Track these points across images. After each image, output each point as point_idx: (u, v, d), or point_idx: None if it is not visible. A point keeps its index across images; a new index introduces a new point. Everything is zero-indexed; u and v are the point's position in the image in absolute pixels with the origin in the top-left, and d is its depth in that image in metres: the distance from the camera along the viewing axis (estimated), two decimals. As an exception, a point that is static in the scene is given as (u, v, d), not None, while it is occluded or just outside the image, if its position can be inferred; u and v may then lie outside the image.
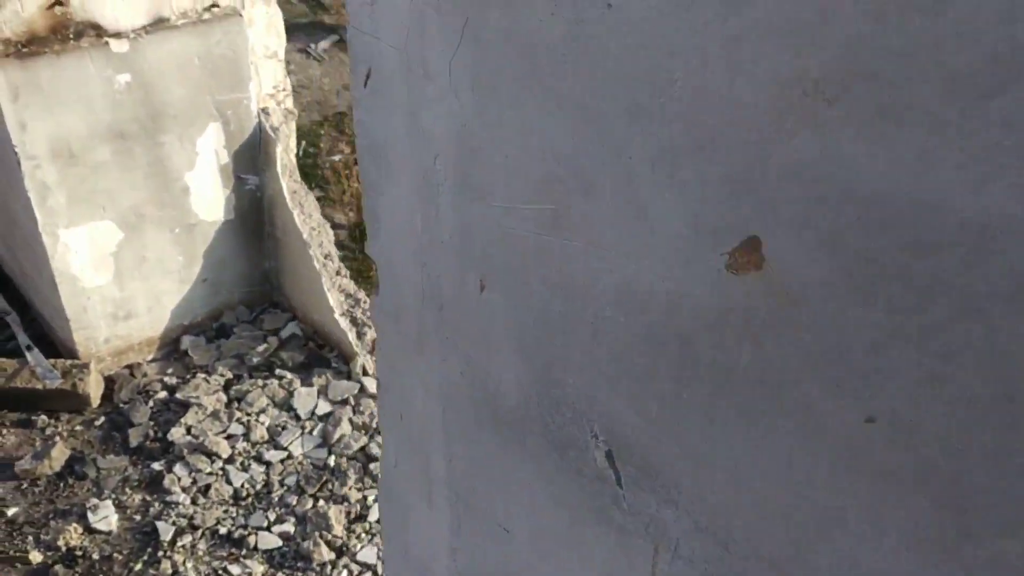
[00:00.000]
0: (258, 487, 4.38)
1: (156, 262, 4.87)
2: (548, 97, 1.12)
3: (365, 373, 4.87)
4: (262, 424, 4.64)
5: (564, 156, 1.14)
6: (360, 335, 4.94)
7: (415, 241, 1.53)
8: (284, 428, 4.65)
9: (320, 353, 5.06)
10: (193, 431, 4.59)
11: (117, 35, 4.30)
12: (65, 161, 4.37)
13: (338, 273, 5.03)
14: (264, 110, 4.86)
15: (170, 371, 4.99)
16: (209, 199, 4.89)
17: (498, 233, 1.33)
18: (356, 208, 9.12)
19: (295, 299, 5.28)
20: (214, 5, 4.50)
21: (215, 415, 4.67)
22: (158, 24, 4.39)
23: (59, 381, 4.60)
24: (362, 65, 1.47)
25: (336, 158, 9.94)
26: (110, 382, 4.91)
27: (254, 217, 5.10)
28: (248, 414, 4.71)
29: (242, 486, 4.37)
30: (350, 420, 4.66)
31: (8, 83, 4.08)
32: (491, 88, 1.20)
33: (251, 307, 5.34)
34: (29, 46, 4.10)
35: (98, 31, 4.26)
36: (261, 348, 5.03)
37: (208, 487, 4.36)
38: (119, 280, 4.79)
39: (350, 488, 4.36)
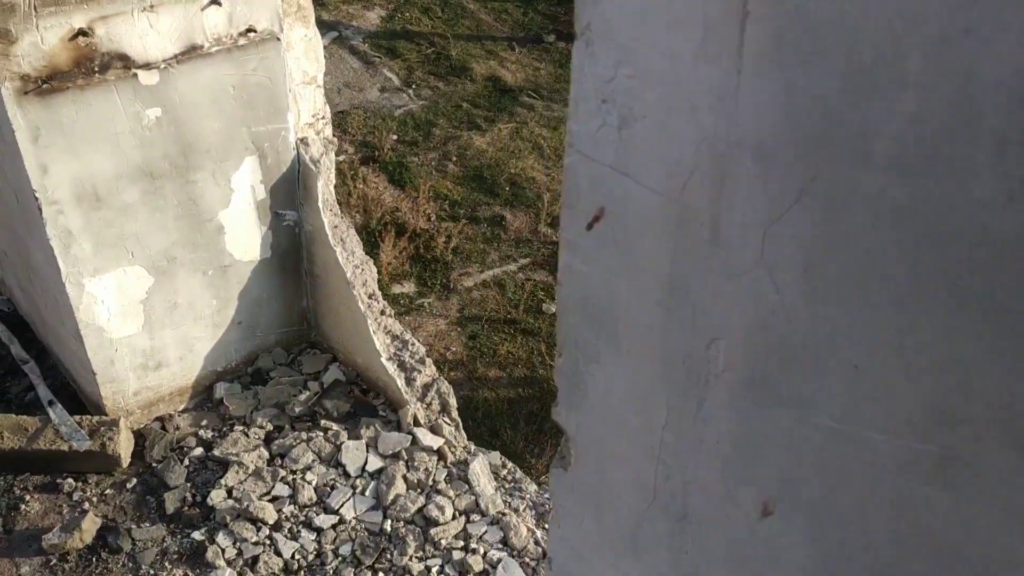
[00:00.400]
0: (310, 558, 4.00)
1: (188, 307, 4.48)
2: (977, 309, 0.74)
3: (417, 423, 4.49)
4: (309, 484, 4.27)
5: (987, 391, 0.77)
6: (409, 381, 4.56)
7: (651, 431, 1.15)
8: (333, 488, 4.27)
9: (366, 400, 4.68)
10: (235, 493, 4.22)
11: (146, 66, 3.90)
12: (90, 205, 3.98)
13: (383, 313, 4.66)
14: (303, 140, 4.47)
15: (204, 423, 4.61)
16: (244, 238, 4.51)
17: (815, 457, 0.95)
18: (363, 210, 8.75)
19: (335, 340, 4.90)
20: (250, 30, 4.10)
21: (257, 474, 4.30)
22: (190, 52, 3.99)
23: (88, 443, 4.22)
24: (587, 202, 1.09)
25: (340, 159, 9.56)
26: (140, 437, 4.53)
27: (292, 255, 4.72)
28: (293, 472, 4.33)
29: (293, 557, 4.00)
30: (404, 478, 4.28)
31: (28, 123, 3.68)
32: (847, 276, 0.83)
33: (288, 348, 4.96)
34: (50, 81, 3.70)
35: (125, 62, 3.86)
36: (303, 397, 4.65)
37: (256, 559, 3.98)
38: (149, 328, 4.40)
39: (410, 558, 3.99)
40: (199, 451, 4.44)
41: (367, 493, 4.25)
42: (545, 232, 8.49)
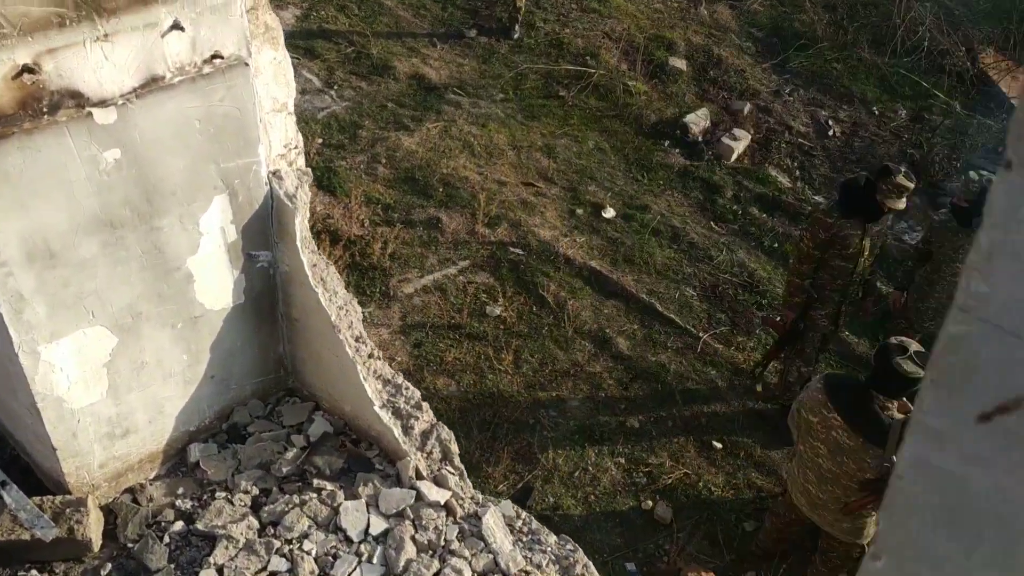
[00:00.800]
0: (321, 641, 3.63)
1: (156, 366, 4.02)
2: None
3: (419, 476, 4.14)
4: (308, 554, 3.88)
5: None
6: (406, 429, 4.21)
7: None
8: (336, 556, 3.89)
9: (360, 453, 4.30)
10: (226, 572, 3.80)
11: (102, 103, 3.43)
12: (43, 264, 3.49)
13: (371, 356, 4.28)
14: (275, 174, 4.05)
15: (181, 491, 4.16)
16: (216, 285, 4.06)
17: None
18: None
19: (318, 387, 4.50)
20: (216, 56, 3.65)
21: (249, 548, 3.88)
22: (151, 85, 3.53)
23: (54, 531, 3.74)
24: (988, 386, 0.79)
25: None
26: (109, 513, 4.06)
27: (267, 298, 4.29)
28: (289, 542, 3.93)
29: (301, 642, 3.62)
30: (413, 539, 3.93)
31: (-31, 177, 3.18)
32: None
33: (264, 399, 4.54)
34: (-7, 127, 3.20)
35: (78, 100, 3.38)
36: (290, 455, 4.23)
37: (260, 649, 3.58)
38: (114, 393, 3.93)
39: (433, 631, 3.65)
40: (179, 525, 4.00)
41: (375, 560, 3.88)
42: (483, 232, 8.20)
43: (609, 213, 8.74)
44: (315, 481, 4.14)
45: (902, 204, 5.88)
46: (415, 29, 10.68)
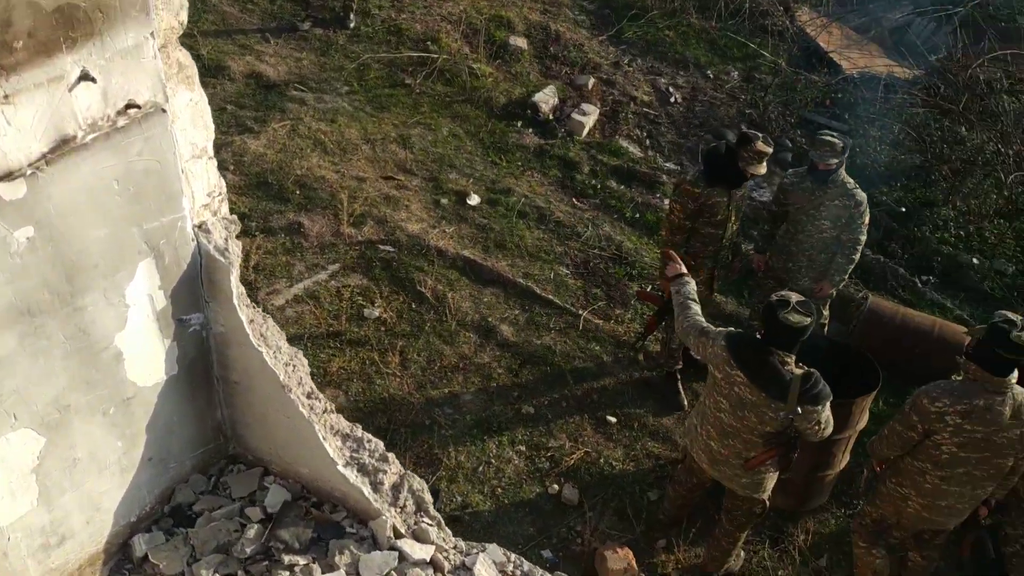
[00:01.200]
0: None
1: (90, 459, 3.52)
2: None
3: (397, 534, 3.86)
4: (297, 641, 3.54)
5: None
6: (376, 486, 3.90)
7: None
8: (327, 638, 3.57)
9: (327, 517, 3.96)
10: None
11: (8, 176, 2.89)
12: (-45, 370, 2.95)
13: (326, 411, 3.94)
14: (201, 227, 3.61)
15: (131, 593, 3.69)
16: (147, 358, 3.59)
17: None
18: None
19: (266, 451, 4.10)
20: (131, 105, 3.17)
21: (229, 646, 3.50)
22: (61, 147, 3.01)
23: (3, 673, 3.21)
24: None
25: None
26: (52, 634, 3.55)
27: (200, 363, 3.84)
28: (271, 630, 3.57)
29: None
30: (408, 604, 3.67)
31: None
32: None
33: (205, 471, 4.09)
34: None
35: (-19, 176, 2.84)
36: (252, 533, 3.83)
37: None
38: (46, 499, 3.41)
39: None
40: (141, 634, 3.55)
41: (371, 635, 3.59)
42: (349, 233, 7.86)
43: (474, 200, 8.57)
44: (285, 557, 3.77)
45: (763, 169, 6.08)
46: (244, 25, 9.99)
